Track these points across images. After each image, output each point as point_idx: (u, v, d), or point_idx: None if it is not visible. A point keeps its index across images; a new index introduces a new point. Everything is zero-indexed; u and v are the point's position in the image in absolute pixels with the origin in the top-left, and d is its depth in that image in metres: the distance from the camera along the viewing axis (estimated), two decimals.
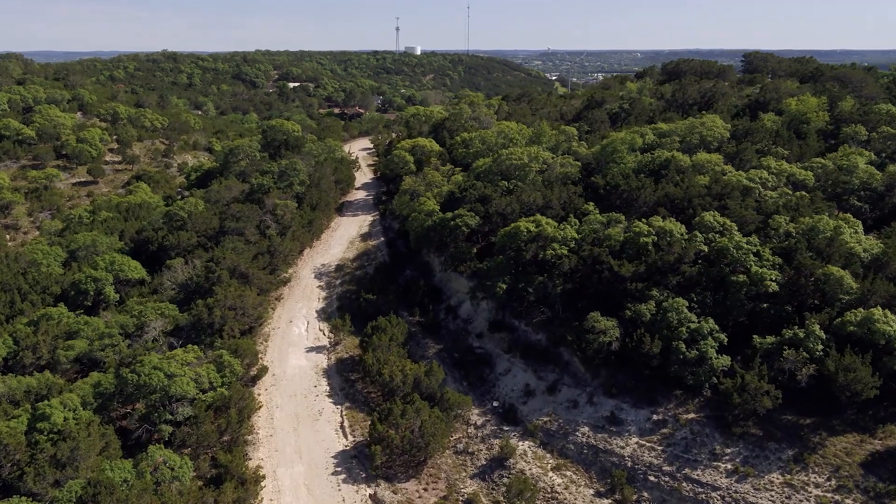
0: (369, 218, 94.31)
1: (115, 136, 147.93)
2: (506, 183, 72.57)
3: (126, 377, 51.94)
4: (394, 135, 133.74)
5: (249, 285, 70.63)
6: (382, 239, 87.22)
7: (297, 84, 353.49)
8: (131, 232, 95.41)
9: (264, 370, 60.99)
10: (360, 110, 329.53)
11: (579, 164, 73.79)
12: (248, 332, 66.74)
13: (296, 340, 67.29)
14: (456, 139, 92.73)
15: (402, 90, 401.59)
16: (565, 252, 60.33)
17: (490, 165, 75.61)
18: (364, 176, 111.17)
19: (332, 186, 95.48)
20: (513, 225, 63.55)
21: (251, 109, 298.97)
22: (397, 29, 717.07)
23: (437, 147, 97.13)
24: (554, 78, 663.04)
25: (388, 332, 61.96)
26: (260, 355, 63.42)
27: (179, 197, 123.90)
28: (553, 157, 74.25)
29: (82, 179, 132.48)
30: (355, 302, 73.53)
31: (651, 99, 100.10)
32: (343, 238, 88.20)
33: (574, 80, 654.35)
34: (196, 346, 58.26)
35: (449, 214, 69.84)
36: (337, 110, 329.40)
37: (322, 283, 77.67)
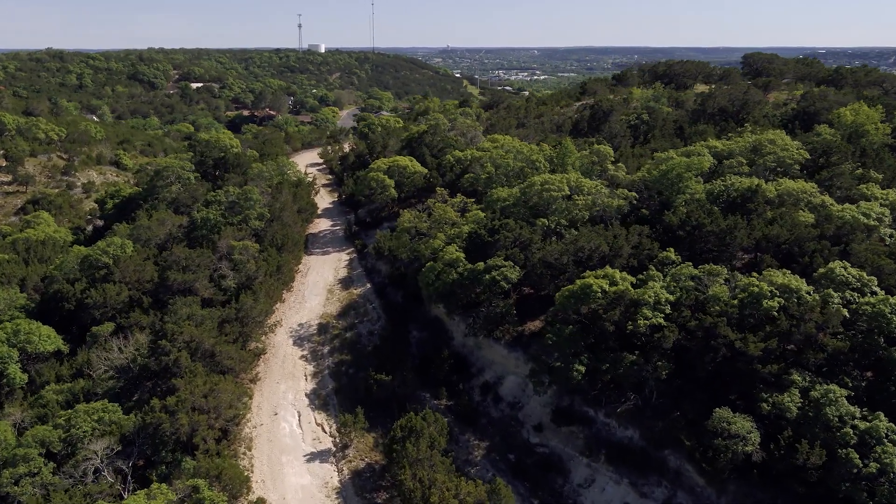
0: (344, 256, 76.91)
1: (1, 151, 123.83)
2: (544, 221, 57.16)
3: None
4: (346, 147, 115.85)
5: (219, 369, 52.68)
6: (368, 286, 70.19)
7: (200, 85, 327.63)
8: (35, 280, 74.88)
9: None
10: (272, 112, 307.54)
11: (634, 195, 59.13)
12: (224, 436, 48.93)
13: (289, 444, 49.82)
14: (447, 158, 76.62)
15: (314, 90, 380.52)
16: (661, 321, 45.57)
17: (518, 197, 60.07)
18: (322, 199, 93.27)
19: (296, 219, 77.55)
20: (580, 283, 48.33)
21: (151, 113, 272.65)
22: (299, 26, 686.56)
23: (419, 167, 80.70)
24: (458, 75, 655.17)
25: (424, 436, 45.50)
26: (247, 471, 45.83)
27: (90, 228, 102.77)
28: (597, 187, 59.35)
29: None
30: (354, 378, 56.75)
31: (668, 108, 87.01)
32: (318, 285, 70.62)
33: (474, 76, 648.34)
34: (164, 486, 40.19)
35: (481, 265, 53.91)
36: (246, 112, 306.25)
37: (305, 353, 60.18)
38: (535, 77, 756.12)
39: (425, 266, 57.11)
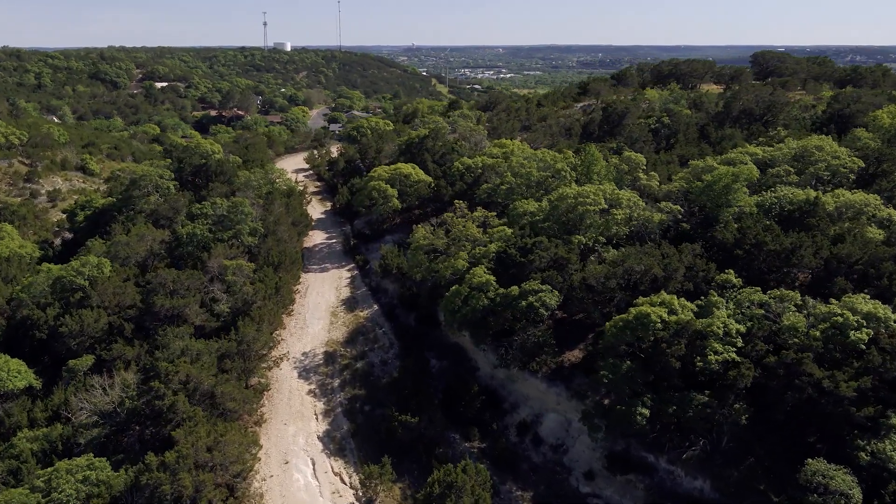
0: (344, 274, 70.47)
1: None
2: (581, 238, 51.48)
3: None
4: (334, 151, 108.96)
5: (220, 411, 46.15)
6: (375, 307, 63.92)
7: (165, 84, 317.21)
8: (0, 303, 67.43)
9: None
10: (241, 112, 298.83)
11: (679, 208, 53.68)
12: (230, 493, 42.42)
13: (305, 500, 43.45)
14: (455, 166, 70.56)
15: (282, 90, 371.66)
16: (734, 355, 40.19)
17: (547, 212, 54.31)
18: (313, 209, 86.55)
19: (291, 233, 70.84)
20: (635, 311, 42.75)
21: (115, 113, 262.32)
22: (265, 24, 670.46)
23: (423, 175, 74.56)
24: (424, 73, 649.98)
25: (466, 492, 39.50)
26: None
27: (59, 242, 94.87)
28: (631, 198, 53.83)
29: None
30: (371, 417, 50.58)
31: (687, 110, 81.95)
32: (320, 307, 64.16)
33: (442, 74, 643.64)
34: None
35: (515, 290, 48.02)
36: (214, 112, 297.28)
37: (313, 387, 53.77)
38: (502, 75, 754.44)
39: (449, 290, 51.00)
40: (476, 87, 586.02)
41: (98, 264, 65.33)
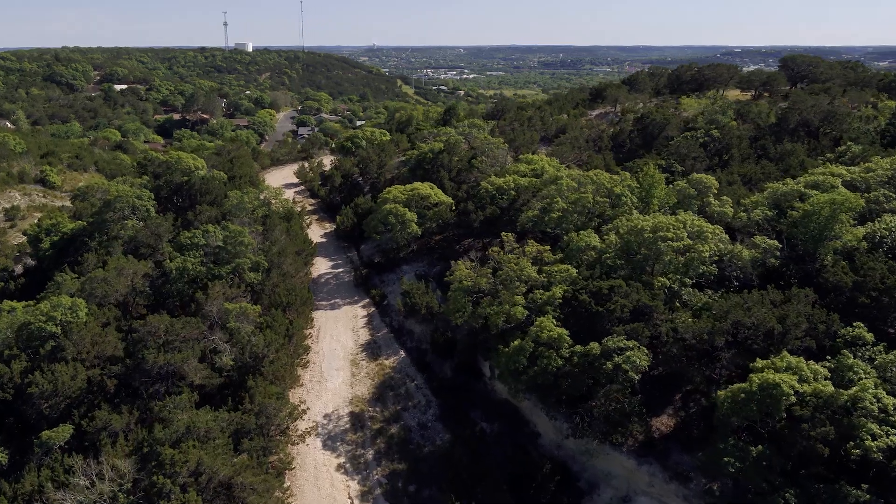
0: (359, 311, 61.38)
1: None
2: (664, 281, 43.28)
3: None
4: (326, 163, 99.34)
5: None
6: (402, 354, 55.06)
7: (124, 86, 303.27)
8: None
9: None
10: (205, 116, 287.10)
11: (776, 243, 45.68)
12: None
13: None
14: (483, 186, 61.92)
15: (248, 92, 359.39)
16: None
17: (618, 248, 46.03)
18: (312, 232, 77.10)
19: (298, 266, 61.54)
20: (758, 378, 34.69)
21: (72, 117, 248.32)
22: (225, 24, 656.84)
23: (443, 196, 65.88)
24: (387, 73, 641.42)
25: None
26: None
27: (20, 269, 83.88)
28: (716, 231, 45.81)
29: None
30: (417, 501, 41.74)
31: (733, 121, 74.41)
32: (337, 355, 55.06)
33: (407, 75, 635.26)
34: None
35: (595, 347, 39.69)
36: (177, 116, 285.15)
37: (342, 460, 44.71)
38: (465, 76, 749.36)
39: (509, 345, 42.41)
40: (442, 87, 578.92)
41: (72, 306, 55.38)
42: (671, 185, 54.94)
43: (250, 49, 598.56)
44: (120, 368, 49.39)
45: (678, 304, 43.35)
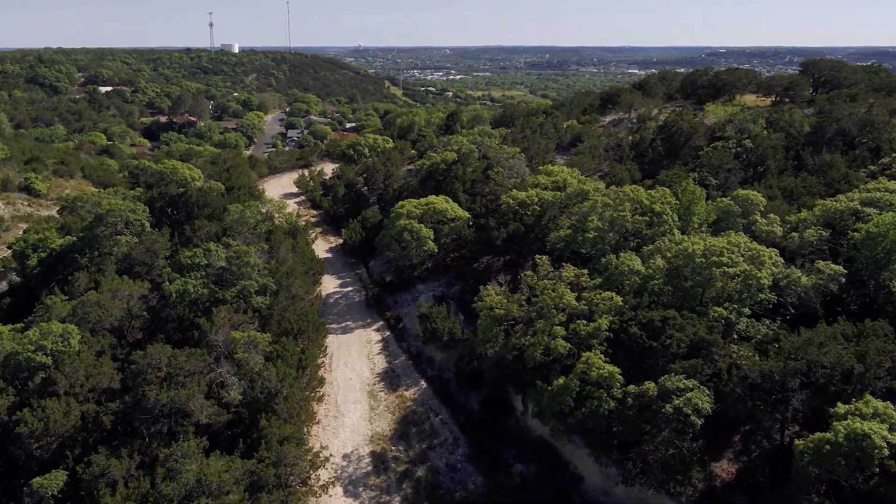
0: (373, 335, 57.26)
1: None
2: (722, 312, 39.45)
3: None
4: (327, 172, 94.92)
5: None
6: (423, 384, 51.02)
7: (109, 88, 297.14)
8: None
9: None
10: (192, 118, 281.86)
11: (841, 269, 41.90)
12: None
13: None
14: (504, 201, 58.00)
15: (235, 94, 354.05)
16: None
17: (665, 272, 42.22)
18: (317, 246, 72.81)
19: (308, 288, 57.34)
20: (843, 428, 30.99)
21: (56, 120, 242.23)
22: (211, 25, 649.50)
23: (460, 211, 61.92)
24: (372, 73, 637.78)
25: None
26: None
27: (5, 286, 79.10)
28: (772, 255, 42.08)
29: None
30: None
31: (764, 130, 70.79)
32: (353, 385, 50.93)
33: (395, 76, 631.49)
34: None
35: (651, 387, 35.86)
36: (164, 118, 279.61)
37: None
38: (451, 77, 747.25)
39: (554, 383, 38.43)
40: (430, 89, 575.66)
41: (63, 333, 50.96)
42: (711, 202, 51.16)
43: (236, 50, 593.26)
44: (118, 405, 45.11)
45: (735, 337, 39.57)
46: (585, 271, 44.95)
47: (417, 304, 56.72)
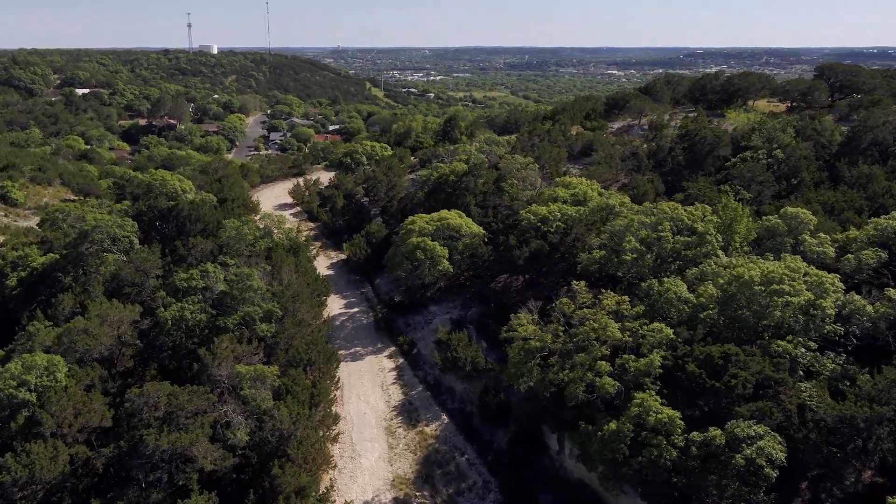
0: (385, 362, 53.11)
1: None
2: (787, 346, 35.79)
3: None
4: (323, 180, 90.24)
5: None
6: (444, 418, 46.97)
7: (86, 91, 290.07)
8: None
9: None
10: (172, 121, 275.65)
11: None
12: None
13: None
14: (524, 216, 54.13)
15: (216, 96, 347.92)
16: None
17: (719, 301, 38.52)
18: (318, 262, 68.46)
19: (315, 311, 53.03)
20: None
21: (31, 123, 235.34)
22: (189, 25, 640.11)
23: (474, 227, 57.98)
24: (353, 74, 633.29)
25: None
26: None
27: None
28: (834, 282, 38.54)
29: None
30: None
31: (792, 139, 67.34)
32: (368, 420, 46.76)
33: (379, 78, 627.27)
34: None
35: (717, 435, 32.11)
36: (143, 121, 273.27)
37: None
38: (431, 77, 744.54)
39: (605, 428, 34.56)
40: (412, 90, 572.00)
41: (49, 365, 46.38)
42: (753, 219, 47.55)
43: (215, 51, 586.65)
44: (112, 450, 40.74)
45: (801, 374, 35.96)
46: (626, 298, 41.08)
47: (434, 328, 52.68)
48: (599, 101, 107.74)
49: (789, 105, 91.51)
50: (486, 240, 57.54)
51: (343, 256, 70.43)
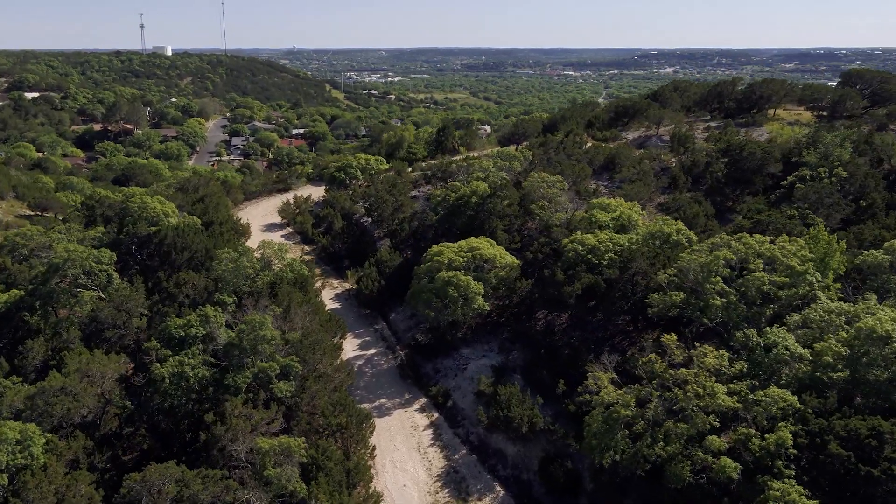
0: (417, 417, 45.98)
1: None
2: None
3: None
4: (314, 196, 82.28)
5: None
6: (498, 489, 40.09)
7: (36, 95, 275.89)
8: None
9: None
10: (129, 126, 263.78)
11: None
12: None
13: None
14: (568, 246, 47.59)
15: (174, 99, 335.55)
16: None
17: (846, 360, 32.44)
18: (322, 295, 60.87)
19: (340, 363, 45.58)
20: None
21: None
22: (142, 26, 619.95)
23: (509, 257, 51.27)
24: (310, 75, 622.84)
25: None
26: None
27: None
28: None
29: None
30: None
31: (849, 154, 61.76)
32: (409, 495, 39.61)
33: (338, 79, 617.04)
34: None
35: None
36: (98, 127, 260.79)
37: None
38: (389, 79, 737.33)
39: None
40: (372, 92, 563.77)
41: (22, 440, 38.48)
42: (844, 253, 41.79)
43: (169, 52, 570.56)
44: None
45: None
46: (725, 353, 34.79)
47: (474, 377, 45.85)
48: (602, 109, 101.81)
49: (817, 114, 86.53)
50: (543, 276, 50.71)
51: (347, 285, 63.11)
